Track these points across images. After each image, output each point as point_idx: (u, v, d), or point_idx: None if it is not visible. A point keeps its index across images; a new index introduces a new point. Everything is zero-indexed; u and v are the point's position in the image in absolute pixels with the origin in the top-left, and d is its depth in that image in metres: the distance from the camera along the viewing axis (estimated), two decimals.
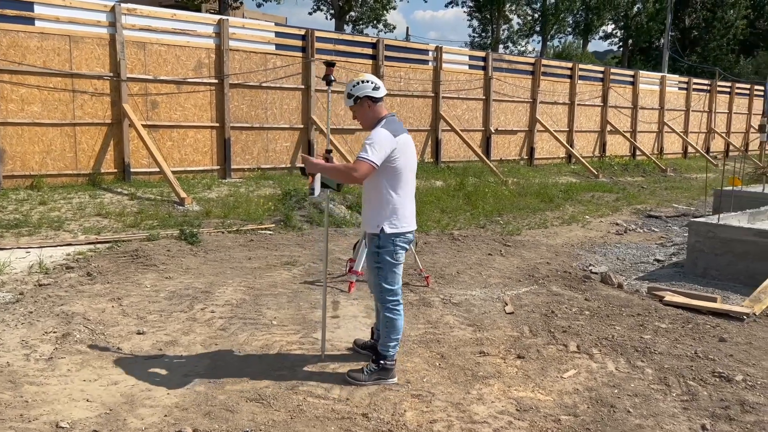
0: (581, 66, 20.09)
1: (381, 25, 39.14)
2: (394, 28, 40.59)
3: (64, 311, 5.21)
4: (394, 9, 39.61)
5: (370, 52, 14.34)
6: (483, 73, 16.81)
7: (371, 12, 38.22)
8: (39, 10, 9.96)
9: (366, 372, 4.12)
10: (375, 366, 4.13)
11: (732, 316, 5.67)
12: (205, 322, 5.18)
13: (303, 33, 13.11)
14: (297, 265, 7.08)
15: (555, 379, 4.29)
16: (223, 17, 12.23)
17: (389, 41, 15.14)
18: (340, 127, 13.42)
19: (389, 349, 4.15)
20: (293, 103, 13.04)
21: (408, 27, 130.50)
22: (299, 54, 13.03)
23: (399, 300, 4.17)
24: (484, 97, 16.86)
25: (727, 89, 26.52)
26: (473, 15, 46.98)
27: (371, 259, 4.12)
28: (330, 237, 7.90)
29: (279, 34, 12.89)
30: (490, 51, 19.76)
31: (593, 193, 14.02)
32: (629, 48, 48.65)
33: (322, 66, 12.96)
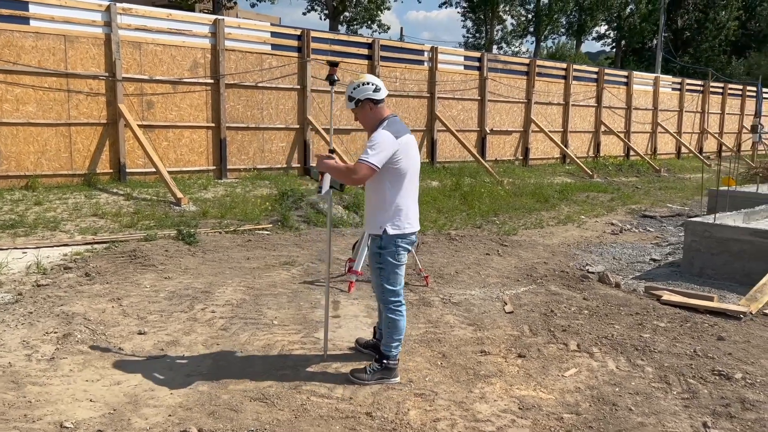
0: (575, 67, 20.17)
1: (375, 26, 39.13)
2: (388, 28, 40.55)
3: (64, 311, 5.19)
4: (388, 9, 39.66)
5: (365, 52, 14.34)
6: (478, 74, 16.85)
7: (365, 12, 38.17)
8: (34, 9, 9.91)
9: (369, 371, 4.13)
10: (378, 365, 4.14)
11: (729, 314, 5.71)
12: (206, 322, 5.18)
13: (299, 33, 13.10)
14: (296, 265, 7.08)
15: (556, 378, 4.31)
16: (219, 17, 12.20)
17: (385, 41, 15.16)
18: (336, 127, 13.41)
19: (392, 349, 4.16)
20: (289, 104, 13.02)
21: (402, 27, 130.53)
22: (295, 54, 13.01)
23: (401, 300, 4.17)
24: (479, 98, 16.91)
25: (720, 90, 26.69)
26: (467, 15, 47.03)
27: (373, 260, 4.12)
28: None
29: (275, 34, 12.88)
30: (485, 51, 19.79)
31: (588, 193, 14.08)
32: (622, 49, 48.84)
33: (317, 66, 13.00)
